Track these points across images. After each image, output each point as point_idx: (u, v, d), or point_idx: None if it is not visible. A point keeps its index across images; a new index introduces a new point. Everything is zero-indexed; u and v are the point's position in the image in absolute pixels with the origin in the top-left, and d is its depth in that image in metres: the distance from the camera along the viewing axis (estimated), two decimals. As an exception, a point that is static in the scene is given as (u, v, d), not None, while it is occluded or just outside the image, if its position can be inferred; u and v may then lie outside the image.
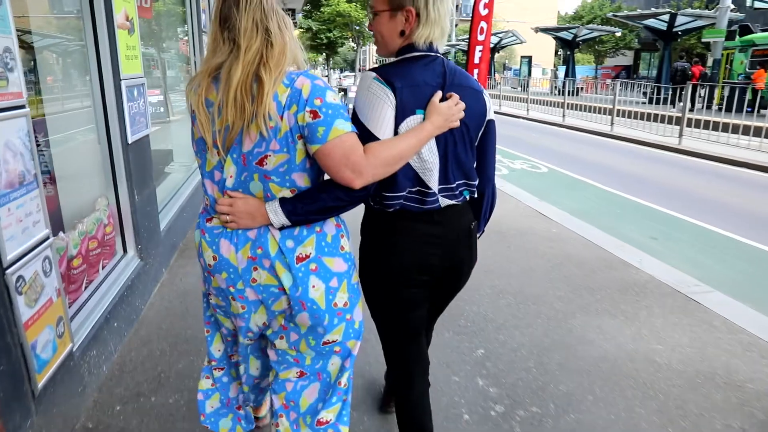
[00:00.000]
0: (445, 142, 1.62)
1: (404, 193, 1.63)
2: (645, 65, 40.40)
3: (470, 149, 1.70)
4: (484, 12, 7.05)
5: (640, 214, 6.68)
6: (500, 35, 33.90)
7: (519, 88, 29.47)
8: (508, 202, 6.53)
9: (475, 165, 1.73)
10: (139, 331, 3.14)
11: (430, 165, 1.62)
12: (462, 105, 1.61)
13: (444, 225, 1.69)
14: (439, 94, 1.58)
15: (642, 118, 14.51)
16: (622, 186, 8.18)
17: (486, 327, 3.32)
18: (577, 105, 17.73)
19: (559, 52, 52.22)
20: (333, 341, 1.65)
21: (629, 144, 12.96)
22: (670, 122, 13.15)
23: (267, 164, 1.44)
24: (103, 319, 2.71)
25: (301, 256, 1.52)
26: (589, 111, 17.22)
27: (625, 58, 40.35)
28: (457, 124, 1.60)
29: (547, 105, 19.52)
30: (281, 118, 1.39)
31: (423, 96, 1.57)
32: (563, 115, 17.04)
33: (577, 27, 29.14)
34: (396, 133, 1.54)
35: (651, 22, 21.61)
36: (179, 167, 6.01)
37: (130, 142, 3.19)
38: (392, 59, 1.68)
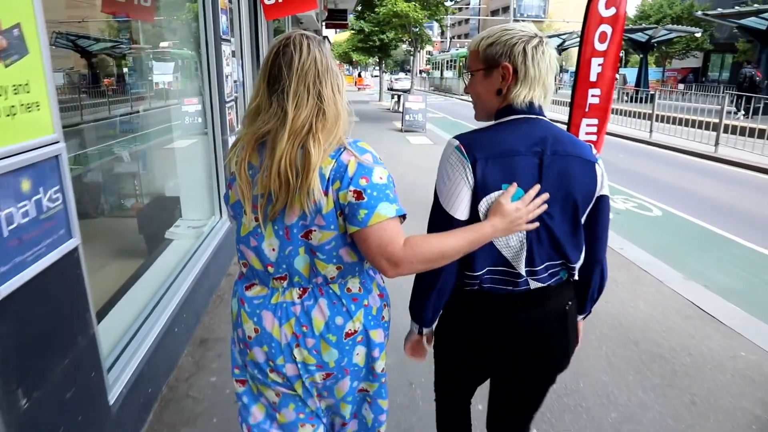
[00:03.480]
0: (539, 219, 1.43)
1: (484, 273, 1.50)
2: (715, 68, 37.41)
3: (574, 228, 1.50)
4: (607, 12, 5.13)
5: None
6: (563, 37, 31.75)
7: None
8: (644, 282, 4.57)
9: (581, 245, 1.53)
10: None
11: (513, 243, 1.47)
12: (540, 201, 1.42)
13: (528, 311, 1.53)
14: (510, 191, 1.40)
15: (751, 135, 12.08)
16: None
17: None
18: (661, 116, 15.34)
19: (620, 54, 49.32)
20: (365, 390, 1.65)
21: (741, 170, 10.70)
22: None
23: (313, 239, 1.38)
24: None
25: (349, 331, 1.48)
26: (672, 123, 14.85)
27: (692, 60, 37.38)
28: (529, 227, 1.42)
29: (620, 114, 17.17)
30: (326, 193, 1.32)
31: (513, 168, 1.40)
32: (650, 130, 14.75)
33: (654, 27, 26.54)
34: (475, 211, 1.43)
35: (749, 21, 18.93)
36: (186, 231, 4.34)
37: (-3, 298, 1.47)
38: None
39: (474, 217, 1.45)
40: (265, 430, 1.63)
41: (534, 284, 1.51)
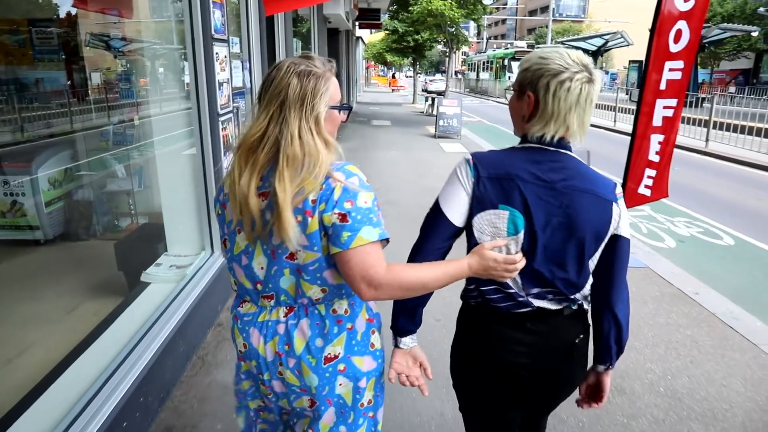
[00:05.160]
0: (541, 238, 1.45)
1: (480, 286, 1.55)
2: (768, 69, 35.38)
3: (577, 263, 1.48)
4: (685, 6, 4.19)
5: None
6: (606, 37, 30.34)
7: (627, 98, 25.87)
8: (734, 345, 3.60)
9: (588, 282, 1.55)
10: None
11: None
12: (520, 266, 1.44)
13: (538, 335, 1.52)
14: (498, 243, 1.46)
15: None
16: None
17: None
18: (719, 123, 14.01)
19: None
20: None
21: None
22: None
23: (298, 259, 1.38)
24: None
25: (329, 356, 1.46)
26: (728, 130, 13.58)
27: (742, 62, 35.37)
28: (502, 279, 1.47)
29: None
30: (311, 215, 1.33)
31: (511, 192, 1.44)
32: (706, 139, 13.52)
33: (707, 26, 25.04)
34: (469, 223, 1.50)
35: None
36: (167, 272, 3.60)
37: None
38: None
39: (469, 228, 1.51)
40: None
41: (538, 302, 1.52)
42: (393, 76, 48.22)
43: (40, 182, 4.27)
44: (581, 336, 1.58)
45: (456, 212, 1.48)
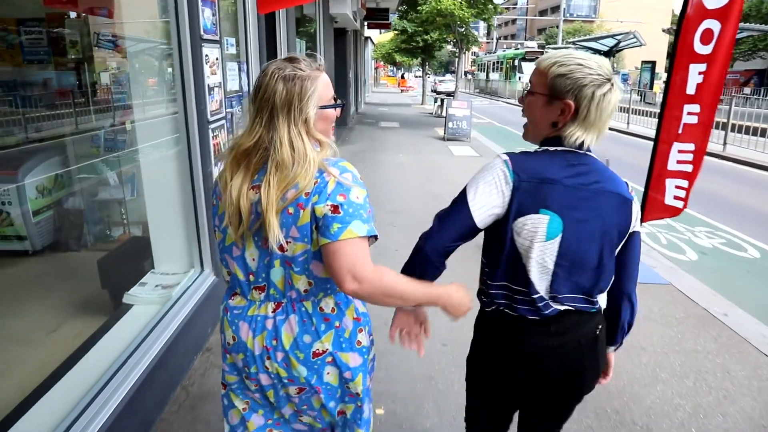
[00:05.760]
0: (577, 241, 1.45)
1: (499, 288, 1.52)
2: (785, 70, 34.75)
3: (606, 266, 1.50)
4: (715, 3, 3.87)
5: None
6: (618, 37, 29.89)
7: (639, 99, 25.44)
8: (767, 376, 3.31)
9: (610, 282, 1.58)
10: None
11: (547, 265, 1.47)
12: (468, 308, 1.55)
13: (563, 335, 1.52)
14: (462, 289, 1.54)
15: None
16: None
17: None
18: (736, 126, 13.59)
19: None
20: (343, 412, 1.64)
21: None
22: None
23: (288, 251, 1.42)
24: None
25: (317, 351, 1.50)
26: (746, 133, 13.17)
27: (757, 62, 34.76)
28: (461, 316, 1.53)
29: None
30: (303, 207, 1.36)
31: (552, 195, 1.42)
32: (723, 142, 13.11)
33: (721, 27, 24.50)
34: (507, 229, 1.45)
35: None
36: (152, 293, 3.33)
37: None
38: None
39: (491, 233, 1.52)
40: None
41: (561, 307, 1.51)
42: (402, 77, 47.93)
43: (27, 190, 4.04)
44: (600, 327, 1.60)
45: (481, 212, 1.45)
